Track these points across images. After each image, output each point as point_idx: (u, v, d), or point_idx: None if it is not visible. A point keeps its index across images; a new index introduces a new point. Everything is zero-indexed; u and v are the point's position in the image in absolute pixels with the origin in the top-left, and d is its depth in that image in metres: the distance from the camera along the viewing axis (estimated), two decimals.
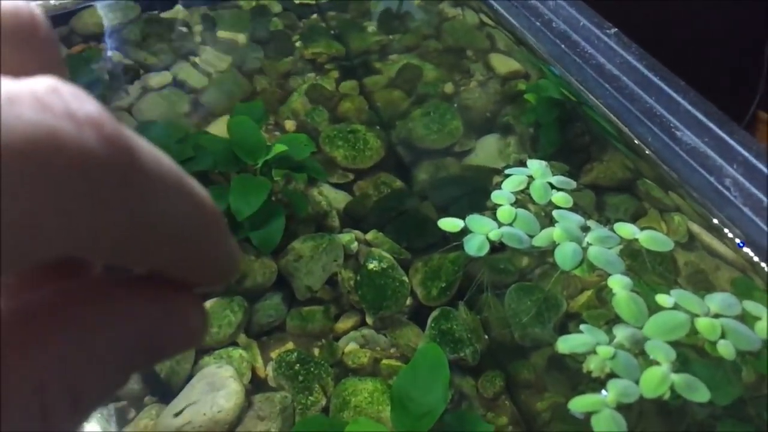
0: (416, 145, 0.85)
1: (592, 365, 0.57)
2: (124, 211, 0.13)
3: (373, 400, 0.60)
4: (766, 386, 0.57)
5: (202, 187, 0.15)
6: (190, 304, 0.16)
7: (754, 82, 1.20)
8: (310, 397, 0.61)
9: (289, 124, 0.88)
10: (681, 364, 0.56)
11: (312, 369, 0.63)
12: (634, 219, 0.72)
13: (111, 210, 0.12)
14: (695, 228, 0.69)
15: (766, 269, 0.62)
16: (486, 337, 0.67)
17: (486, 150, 0.84)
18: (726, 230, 0.65)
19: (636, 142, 0.72)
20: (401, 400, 0.53)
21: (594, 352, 0.58)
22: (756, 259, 0.63)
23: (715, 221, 0.66)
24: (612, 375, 0.56)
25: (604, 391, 0.55)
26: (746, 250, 0.63)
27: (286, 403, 0.60)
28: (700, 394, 0.53)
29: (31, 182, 0.11)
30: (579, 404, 0.55)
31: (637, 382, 0.55)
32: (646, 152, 0.71)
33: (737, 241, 0.64)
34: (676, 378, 0.55)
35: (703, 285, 0.64)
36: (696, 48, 1.13)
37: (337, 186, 0.80)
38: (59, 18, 0.98)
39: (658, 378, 0.54)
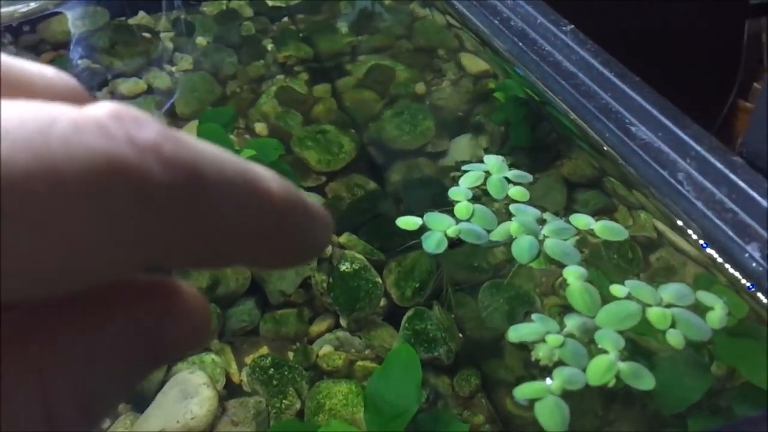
0: (389, 146, 0.85)
1: (540, 353, 0.57)
2: (189, 227, 0.13)
3: (347, 402, 0.60)
4: (736, 378, 0.58)
5: (273, 172, 0.15)
6: (192, 302, 0.16)
7: (733, 71, 1.20)
8: (284, 401, 0.61)
9: (260, 128, 0.87)
10: (644, 358, 0.56)
11: (286, 373, 0.63)
12: (604, 215, 0.72)
13: (175, 228, 0.13)
14: (660, 226, 0.69)
15: (726, 265, 0.62)
16: (461, 336, 0.67)
17: (459, 150, 0.84)
18: (690, 231, 0.65)
19: (597, 139, 0.73)
20: (374, 401, 0.53)
21: (544, 340, 0.58)
22: (719, 259, 0.63)
23: (680, 223, 0.66)
24: (561, 363, 0.56)
25: (548, 379, 0.55)
26: (709, 251, 0.64)
27: (260, 407, 0.60)
28: (646, 382, 0.53)
29: (95, 207, 0.11)
30: (523, 391, 0.55)
31: (584, 370, 0.55)
32: (607, 150, 0.72)
33: (701, 242, 0.64)
34: (622, 366, 0.55)
35: (672, 280, 0.64)
36: (674, 38, 1.14)
37: (309, 189, 0.80)
38: (28, 26, 0.97)
39: (605, 366, 0.55)
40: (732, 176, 0.63)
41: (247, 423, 0.58)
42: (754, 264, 0.61)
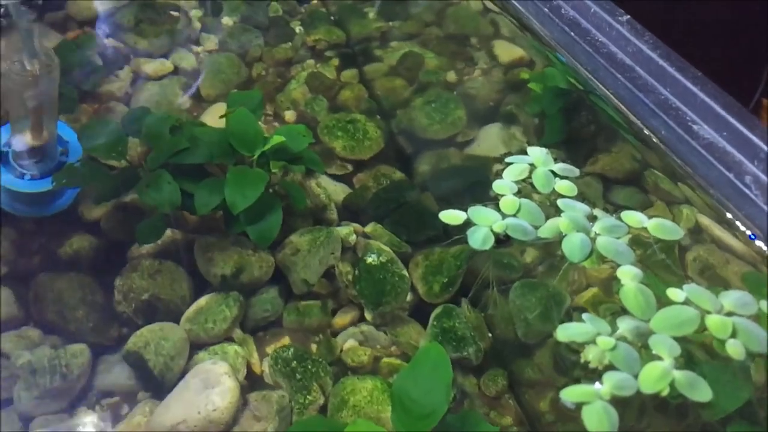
0: (418, 135, 0.83)
1: (590, 356, 0.54)
2: None
3: (372, 400, 0.59)
4: None
5: None
6: None
7: (758, 70, 1.17)
8: (308, 397, 0.59)
9: (288, 114, 0.85)
10: (687, 362, 0.53)
11: (310, 367, 0.61)
12: (640, 210, 0.69)
13: None
14: (705, 221, 0.66)
15: None
16: (489, 335, 0.65)
17: (488, 140, 0.82)
18: (738, 222, 0.62)
19: (646, 133, 0.69)
20: (402, 400, 0.51)
21: (594, 342, 0.55)
22: (767, 251, 0.60)
23: (729, 216, 0.63)
24: (611, 367, 0.54)
25: (598, 383, 0.53)
26: (758, 243, 0.61)
27: (283, 402, 0.58)
28: (702, 393, 0.51)
29: None
30: (571, 394, 0.53)
31: (636, 377, 0.53)
32: (657, 144, 0.69)
33: (748, 233, 0.61)
34: (677, 375, 0.52)
35: (712, 280, 0.62)
36: (700, 35, 1.11)
37: (335, 177, 0.78)
38: (55, 3, 0.96)
39: (659, 373, 0.52)
40: None
41: (270, 418, 0.57)
42: None
